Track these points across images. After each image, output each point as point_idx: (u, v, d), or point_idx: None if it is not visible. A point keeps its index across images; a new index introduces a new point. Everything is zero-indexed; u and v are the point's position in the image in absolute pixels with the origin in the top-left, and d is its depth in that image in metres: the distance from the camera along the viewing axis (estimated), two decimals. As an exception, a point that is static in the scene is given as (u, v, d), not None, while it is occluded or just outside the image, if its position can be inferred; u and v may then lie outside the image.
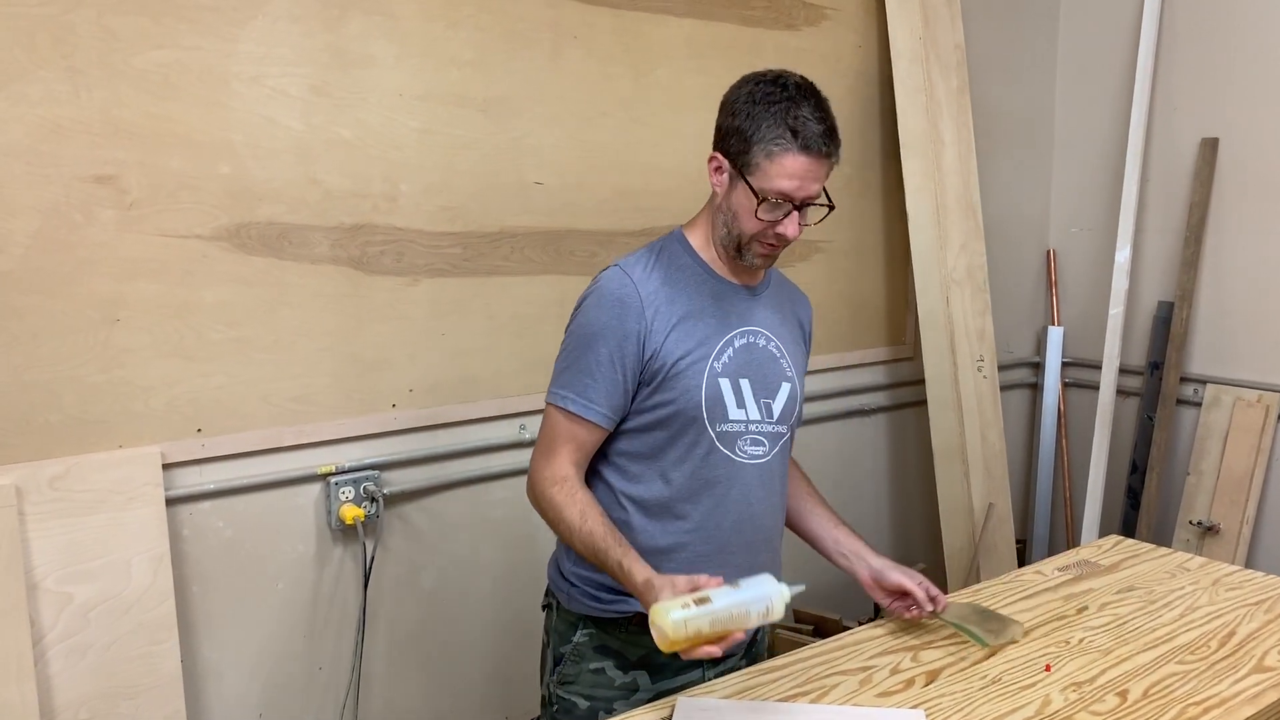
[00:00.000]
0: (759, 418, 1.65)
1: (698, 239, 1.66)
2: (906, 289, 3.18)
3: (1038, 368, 3.61)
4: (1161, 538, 3.22)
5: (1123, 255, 3.25)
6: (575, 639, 1.70)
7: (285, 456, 2.16)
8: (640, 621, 1.63)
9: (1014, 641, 1.77)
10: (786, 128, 1.50)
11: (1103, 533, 3.20)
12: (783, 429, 1.69)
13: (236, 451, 2.09)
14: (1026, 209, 3.51)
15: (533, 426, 2.46)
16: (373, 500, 2.22)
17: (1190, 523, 3.13)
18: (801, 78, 1.57)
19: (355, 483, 2.21)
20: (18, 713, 1.82)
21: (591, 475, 1.67)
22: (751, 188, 1.53)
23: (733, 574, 1.63)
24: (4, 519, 1.81)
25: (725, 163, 1.57)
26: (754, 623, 1.39)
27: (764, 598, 1.40)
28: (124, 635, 1.95)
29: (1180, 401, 3.24)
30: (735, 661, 1.75)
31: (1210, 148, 3.12)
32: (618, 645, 1.68)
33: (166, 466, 2.00)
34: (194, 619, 2.08)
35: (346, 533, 2.24)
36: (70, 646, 1.91)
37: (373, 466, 2.25)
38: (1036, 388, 3.62)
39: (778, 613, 1.41)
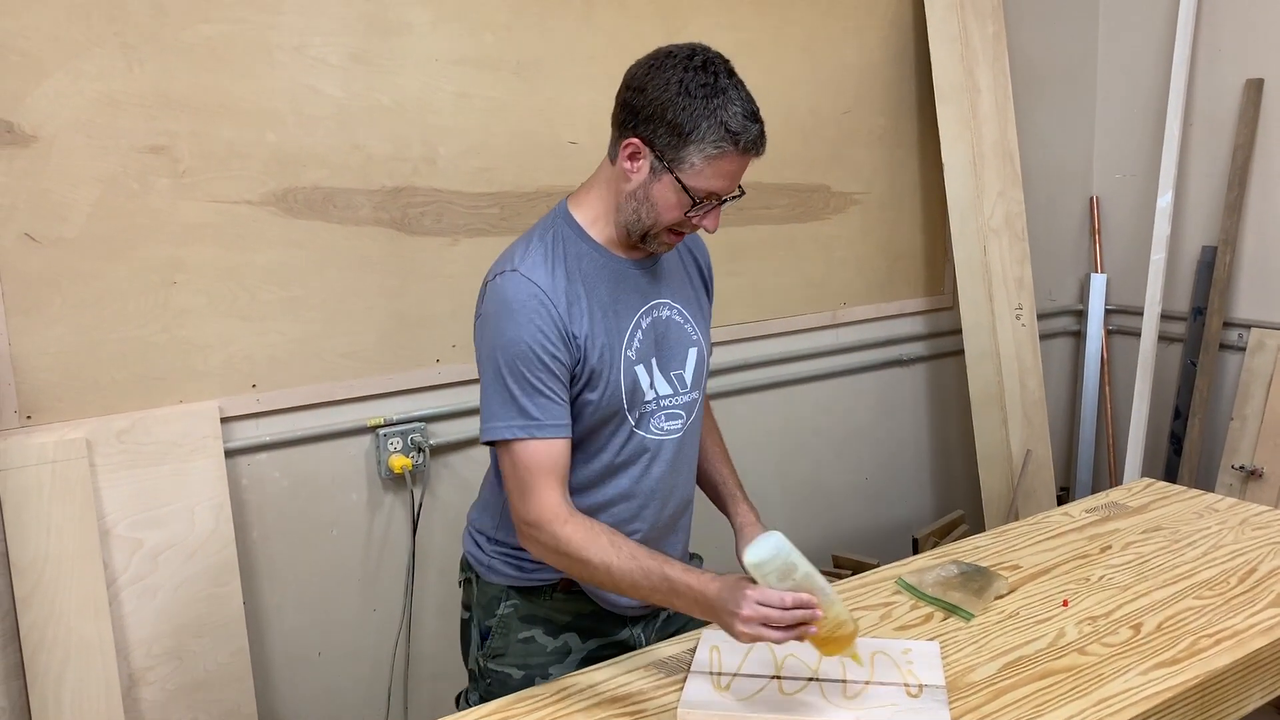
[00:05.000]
0: (671, 391, 1.62)
1: (587, 216, 1.57)
2: (944, 239, 3.19)
3: (1081, 315, 3.60)
4: (1205, 483, 3.23)
5: (1165, 200, 3.23)
6: (500, 611, 1.66)
7: (336, 410, 2.27)
8: (565, 587, 1.64)
9: (1000, 596, 1.79)
10: (727, 130, 1.43)
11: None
12: (695, 395, 1.66)
13: (290, 405, 2.21)
14: (1069, 156, 3.48)
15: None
16: (419, 451, 2.33)
17: (1233, 467, 3.13)
18: (718, 55, 1.48)
19: (403, 434, 2.32)
20: (96, 648, 1.96)
21: None
22: (684, 186, 1.46)
23: (655, 543, 1.61)
24: (77, 470, 1.95)
25: (647, 152, 1.47)
26: (834, 608, 1.40)
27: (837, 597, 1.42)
28: (190, 578, 2.09)
29: (1224, 346, 3.22)
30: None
31: (1255, 89, 3.07)
32: (544, 612, 1.66)
33: (225, 420, 2.12)
34: (255, 563, 2.21)
35: (396, 482, 2.35)
36: (141, 588, 2.04)
37: (419, 419, 2.35)
38: (1080, 335, 3.62)
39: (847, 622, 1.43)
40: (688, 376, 1.64)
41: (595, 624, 1.68)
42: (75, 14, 1.90)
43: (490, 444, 1.53)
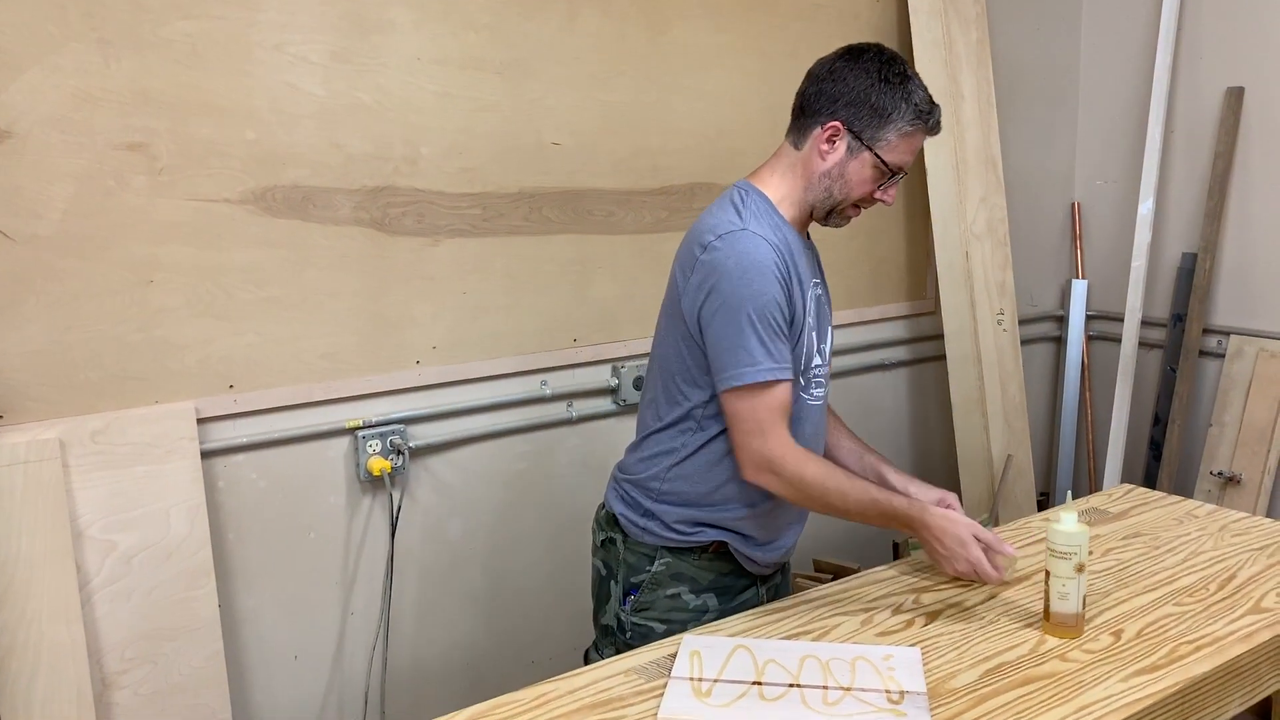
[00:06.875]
0: (820, 362, 1.80)
1: (775, 195, 1.73)
2: (927, 244, 3.20)
3: (1062, 321, 3.61)
4: (1184, 488, 3.24)
5: (1145, 207, 3.24)
6: (652, 569, 1.80)
7: (314, 411, 2.24)
8: (716, 549, 1.80)
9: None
10: (918, 111, 1.67)
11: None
12: (828, 367, 1.86)
13: (267, 406, 2.18)
14: (1051, 162, 3.50)
15: (554, 382, 2.53)
16: (399, 453, 2.31)
17: (1212, 473, 3.14)
18: (894, 51, 1.71)
19: (382, 436, 2.30)
20: (67, 652, 1.93)
21: (695, 431, 1.76)
22: (884, 161, 1.67)
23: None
24: (49, 471, 1.92)
25: (846, 134, 1.67)
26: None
27: None
28: (164, 581, 2.06)
29: (1204, 353, 3.24)
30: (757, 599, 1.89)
31: (1235, 97, 3.09)
32: (691, 571, 1.80)
33: (201, 421, 2.10)
34: (231, 566, 2.19)
35: (374, 484, 2.33)
36: (115, 591, 2.01)
37: (399, 420, 2.33)
38: (1061, 341, 3.63)
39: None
40: (828, 350, 1.83)
41: (732, 582, 1.83)
42: (51, 9, 1.87)
43: (732, 389, 1.65)
